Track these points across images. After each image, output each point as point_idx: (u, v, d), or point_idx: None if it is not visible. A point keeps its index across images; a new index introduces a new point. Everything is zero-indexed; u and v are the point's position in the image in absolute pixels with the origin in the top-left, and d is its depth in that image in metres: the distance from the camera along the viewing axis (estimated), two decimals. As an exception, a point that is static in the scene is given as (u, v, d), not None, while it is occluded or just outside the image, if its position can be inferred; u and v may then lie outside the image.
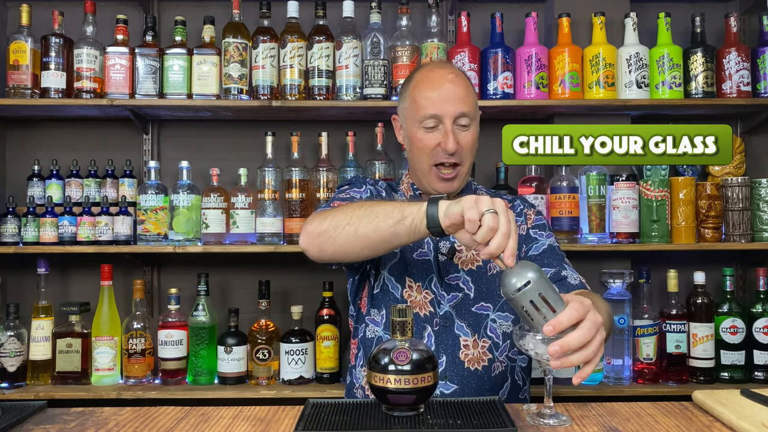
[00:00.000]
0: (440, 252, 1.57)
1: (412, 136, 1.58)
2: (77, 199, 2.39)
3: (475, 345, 1.53)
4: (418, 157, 1.58)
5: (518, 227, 1.63)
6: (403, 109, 1.63)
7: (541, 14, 2.55)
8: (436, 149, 1.54)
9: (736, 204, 2.33)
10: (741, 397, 1.23)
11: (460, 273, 1.56)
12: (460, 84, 1.57)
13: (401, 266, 1.58)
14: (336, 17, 2.39)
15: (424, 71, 1.62)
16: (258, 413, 1.22)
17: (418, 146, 1.57)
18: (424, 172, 1.58)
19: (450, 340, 1.53)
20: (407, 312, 1.13)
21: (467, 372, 1.51)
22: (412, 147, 1.60)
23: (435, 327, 1.54)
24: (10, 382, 2.23)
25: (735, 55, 2.38)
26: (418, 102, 1.56)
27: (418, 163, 1.59)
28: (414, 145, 1.58)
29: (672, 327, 2.28)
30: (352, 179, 1.73)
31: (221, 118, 2.55)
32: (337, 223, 1.35)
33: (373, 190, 1.66)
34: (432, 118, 1.53)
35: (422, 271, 1.57)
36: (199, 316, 2.29)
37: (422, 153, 1.56)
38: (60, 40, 2.33)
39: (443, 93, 1.54)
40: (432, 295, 1.56)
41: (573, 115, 2.42)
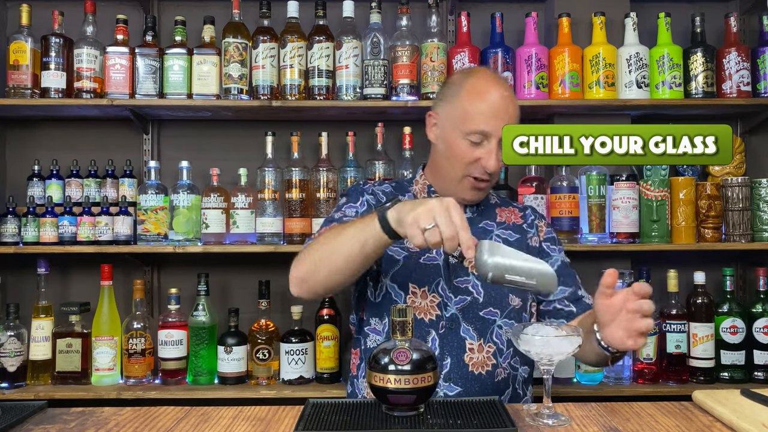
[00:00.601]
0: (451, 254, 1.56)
1: (451, 143, 1.55)
2: (77, 199, 2.39)
3: (480, 349, 1.52)
4: (453, 164, 1.55)
5: (529, 239, 1.66)
6: (448, 113, 1.57)
7: (541, 14, 2.55)
8: (476, 164, 1.52)
9: (736, 204, 2.33)
10: (741, 397, 1.23)
11: (470, 276, 1.55)
12: (511, 102, 1.54)
13: (405, 273, 1.56)
14: (336, 17, 2.39)
15: (478, 81, 1.56)
16: (258, 413, 1.22)
17: (456, 155, 1.54)
18: (454, 179, 1.56)
19: (455, 342, 1.52)
20: (407, 312, 1.14)
21: (471, 375, 1.51)
22: (448, 153, 1.56)
23: (440, 330, 1.52)
24: (10, 382, 2.23)
25: (735, 55, 2.38)
26: (469, 113, 1.51)
27: (450, 170, 1.57)
28: (452, 152, 1.55)
29: (672, 327, 2.28)
30: (349, 190, 1.70)
31: (221, 118, 2.55)
32: (313, 265, 1.40)
33: (372, 199, 1.63)
34: (481, 134, 1.50)
35: (428, 275, 1.55)
36: (199, 316, 2.29)
37: (459, 163, 1.54)
38: (60, 40, 2.33)
39: (497, 110, 1.50)
40: (439, 299, 1.54)
41: (573, 115, 2.42)
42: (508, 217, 1.69)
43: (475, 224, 1.63)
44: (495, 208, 1.70)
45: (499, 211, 1.69)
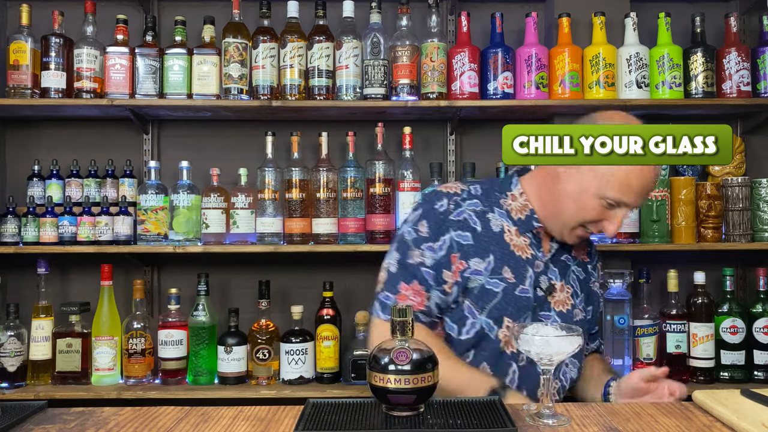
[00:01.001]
0: (539, 287, 1.52)
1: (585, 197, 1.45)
2: (77, 199, 2.39)
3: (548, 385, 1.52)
4: (574, 213, 1.47)
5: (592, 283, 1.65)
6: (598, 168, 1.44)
7: (541, 14, 2.55)
8: (598, 223, 1.47)
9: (736, 204, 2.33)
10: (741, 397, 1.23)
11: (551, 312, 1.53)
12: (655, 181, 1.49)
13: (502, 305, 1.48)
14: (336, 17, 2.39)
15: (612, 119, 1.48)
16: (258, 413, 1.22)
17: (585, 208, 1.46)
18: (567, 224, 1.49)
19: (533, 378, 1.47)
20: (407, 312, 1.13)
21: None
22: (576, 200, 1.46)
23: (520, 362, 1.48)
24: (10, 382, 2.23)
25: (735, 55, 2.38)
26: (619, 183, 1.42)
27: (567, 215, 1.48)
28: (581, 203, 1.46)
29: (672, 327, 2.28)
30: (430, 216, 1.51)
31: (221, 118, 2.55)
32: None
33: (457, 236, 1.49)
34: (618, 203, 1.44)
35: (521, 309, 1.50)
36: (199, 316, 2.29)
37: (584, 215, 1.47)
38: (60, 40, 2.33)
39: (644, 187, 1.45)
40: None
41: (573, 115, 2.42)
42: (579, 252, 1.64)
43: (558, 257, 1.58)
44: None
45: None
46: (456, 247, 1.49)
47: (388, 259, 1.54)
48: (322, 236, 2.31)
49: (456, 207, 1.52)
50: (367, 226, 2.33)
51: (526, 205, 1.55)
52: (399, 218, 2.33)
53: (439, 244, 1.49)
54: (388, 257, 1.55)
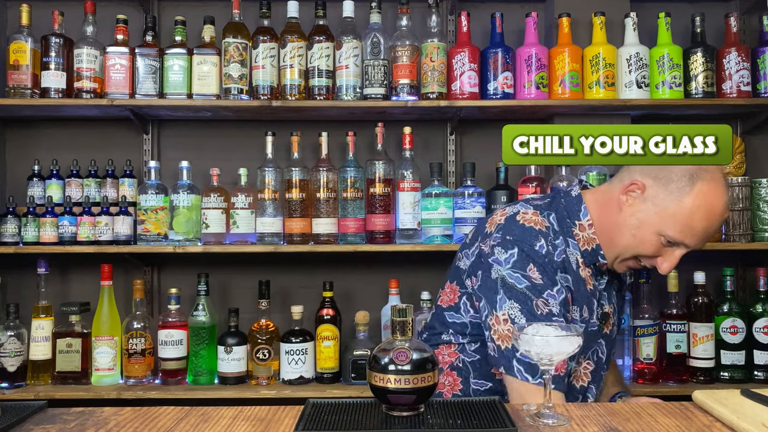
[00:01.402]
0: (597, 317, 1.48)
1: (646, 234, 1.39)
2: (77, 199, 2.39)
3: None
4: (633, 247, 1.41)
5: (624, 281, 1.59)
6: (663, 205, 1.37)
7: (541, 14, 2.55)
8: (653, 258, 1.41)
9: (736, 204, 2.33)
10: (741, 397, 1.23)
11: (601, 338, 1.51)
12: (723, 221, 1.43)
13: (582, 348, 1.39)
14: (336, 17, 2.39)
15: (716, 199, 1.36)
16: (258, 413, 1.22)
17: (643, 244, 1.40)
18: (622, 255, 1.44)
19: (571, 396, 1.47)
20: (407, 312, 1.13)
21: None
22: (637, 235, 1.40)
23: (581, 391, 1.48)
24: (10, 382, 2.23)
25: (735, 55, 2.38)
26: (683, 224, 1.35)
27: (625, 248, 1.42)
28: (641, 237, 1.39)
29: (672, 327, 2.28)
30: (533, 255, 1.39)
31: (221, 118, 2.55)
32: None
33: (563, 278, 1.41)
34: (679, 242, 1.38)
35: (589, 343, 1.47)
36: (199, 316, 2.29)
37: (638, 249, 1.41)
38: (60, 40, 2.33)
39: (707, 230, 1.37)
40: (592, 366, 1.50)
41: (573, 115, 2.42)
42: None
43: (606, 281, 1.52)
44: None
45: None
46: (565, 290, 1.40)
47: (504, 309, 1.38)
48: (322, 236, 2.31)
49: (554, 248, 1.42)
50: (367, 226, 2.33)
51: (594, 239, 1.46)
52: (399, 218, 2.33)
53: (557, 288, 1.39)
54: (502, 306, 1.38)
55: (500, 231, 1.44)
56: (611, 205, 1.44)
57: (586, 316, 1.43)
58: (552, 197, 1.53)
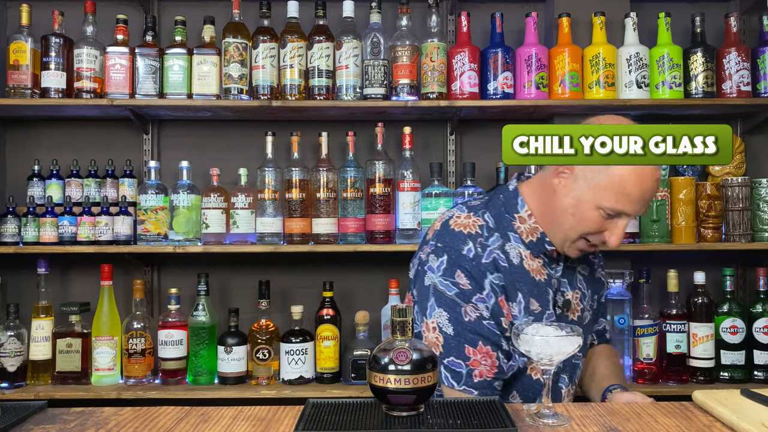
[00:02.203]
0: (557, 305, 1.49)
1: (584, 207, 1.40)
2: (77, 199, 2.39)
3: (568, 394, 1.51)
4: (575, 226, 1.42)
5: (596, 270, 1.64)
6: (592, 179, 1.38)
7: (541, 14, 2.55)
8: (599, 234, 1.41)
9: (736, 204, 2.33)
10: (741, 397, 1.23)
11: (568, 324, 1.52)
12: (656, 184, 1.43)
13: None
14: (336, 17, 2.39)
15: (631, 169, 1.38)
16: (258, 413, 1.22)
17: (584, 220, 1.40)
18: (569, 238, 1.43)
19: (556, 394, 1.47)
20: (407, 312, 1.14)
21: None
22: (575, 214, 1.41)
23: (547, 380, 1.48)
24: (10, 382, 2.23)
25: (735, 55, 2.38)
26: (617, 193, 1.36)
27: (569, 229, 1.42)
28: (580, 215, 1.40)
29: (672, 327, 2.28)
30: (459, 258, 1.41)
31: (221, 118, 2.55)
32: None
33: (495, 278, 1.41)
34: (618, 213, 1.39)
35: None
36: (199, 316, 2.29)
37: (584, 227, 1.41)
38: (60, 40, 2.33)
39: (645, 197, 1.39)
40: None
41: (573, 115, 2.42)
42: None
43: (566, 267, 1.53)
44: None
45: None
46: (499, 290, 1.41)
47: (434, 317, 1.41)
48: (322, 236, 2.31)
49: (483, 249, 1.43)
50: (367, 226, 2.33)
51: (536, 228, 1.47)
52: (399, 218, 2.33)
53: (486, 293, 1.40)
54: (432, 314, 1.41)
55: (435, 238, 1.47)
56: (547, 191, 1.45)
57: (535, 308, 1.43)
58: (491, 196, 1.55)
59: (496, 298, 1.40)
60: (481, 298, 1.40)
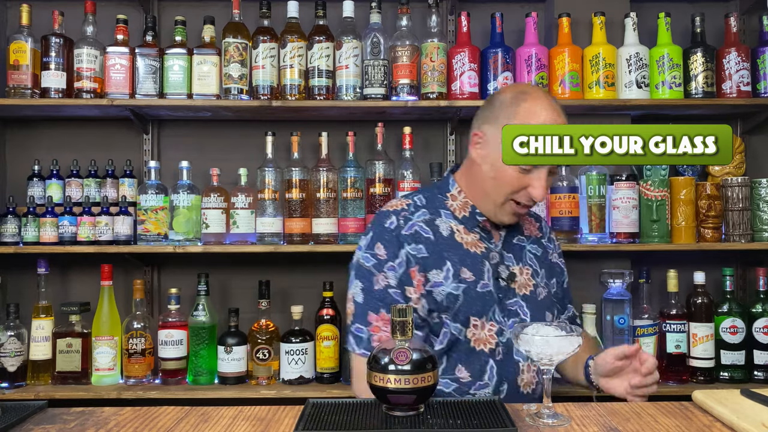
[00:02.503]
0: (500, 277, 1.53)
1: (500, 168, 1.46)
2: (77, 199, 2.39)
3: (528, 369, 1.52)
4: (498, 189, 1.49)
5: (550, 254, 1.67)
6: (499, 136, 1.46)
7: (541, 14, 2.55)
8: (522, 191, 1.47)
9: (736, 204, 2.33)
10: (741, 397, 1.23)
11: (516, 298, 1.54)
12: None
13: (466, 307, 1.48)
14: (336, 17, 2.39)
15: (534, 106, 1.46)
16: (258, 413, 1.22)
17: (503, 179, 1.47)
18: (497, 203, 1.50)
19: (511, 367, 1.50)
20: (407, 312, 1.14)
21: (521, 395, 1.50)
22: (495, 175, 1.48)
23: (497, 357, 1.50)
24: (10, 382, 2.23)
25: (735, 55, 2.38)
26: None
27: (494, 193, 1.50)
28: (498, 175, 1.48)
29: (672, 327, 2.28)
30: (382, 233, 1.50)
31: (221, 118, 2.55)
32: None
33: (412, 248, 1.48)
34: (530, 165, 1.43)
35: (485, 304, 1.50)
36: (199, 316, 2.29)
37: (506, 189, 1.48)
38: (60, 40, 2.33)
39: None
40: (496, 326, 1.50)
41: (573, 115, 2.41)
42: (530, 229, 1.67)
43: (510, 242, 1.60)
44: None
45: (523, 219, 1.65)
46: (413, 261, 1.48)
47: (351, 289, 1.52)
48: (322, 236, 2.31)
49: (406, 221, 1.51)
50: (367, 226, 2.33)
51: (467, 202, 1.56)
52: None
53: (398, 261, 1.48)
54: (351, 287, 1.53)
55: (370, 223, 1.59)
56: (471, 165, 1.55)
57: (467, 276, 1.48)
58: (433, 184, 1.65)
59: (407, 268, 1.47)
60: (392, 266, 1.47)
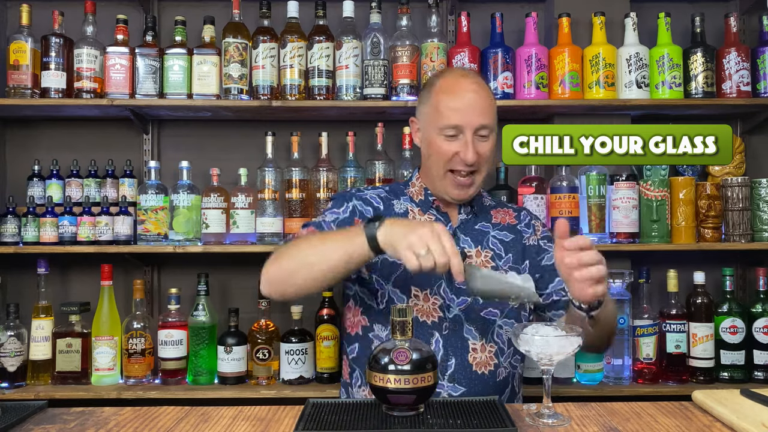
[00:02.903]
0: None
1: (431, 141, 1.59)
2: (77, 199, 2.39)
3: (482, 349, 1.54)
4: (435, 162, 1.59)
5: (526, 239, 1.67)
6: (424, 114, 1.62)
7: (541, 14, 2.55)
8: (454, 158, 1.55)
9: (736, 204, 2.33)
10: (741, 397, 1.23)
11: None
12: (483, 95, 1.57)
13: (406, 276, 1.55)
14: (336, 17, 2.40)
15: (448, 79, 1.61)
16: (258, 413, 1.22)
17: (436, 152, 1.57)
18: (439, 177, 1.59)
19: (459, 343, 1.53)
20: (407, 312, 1.14)
21: (475, 375, 1.52)
22: (430, 151, 1.60)
23: (444, 331, 1.54)
24: (10, 382, 2.23)
25: (735, 55, 2.38)
26: (440, 111, 1.56)
27: (434, 168, 1.60)
28: (432, 150, 1.59)
29: (672, 327, 2.28)
30: (337, 194, 1.72)
31: (221, 118, 2.55)
32: (291, 268, 1.44)
33: (361, 205, 1.63)
34: (453, 128, 1.54)
35: (430, 278, 1.55)
36: (199, 316, 2.29)
37: (440, 159, 1.57)
38: (60, 40, 2.33)
39: (466, 104, 1.54)
40: (441, 300, 1.55)
41: (573, 115, 2.42)
42: (503, 218, 1.71)
43: (470, 226, 1.65)
44: (490, 209, 1.72)
45: (494, 212, 1.71)
46: (358, 214, 1.60)
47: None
48: (322, 236, 2.31)
49: (358, 191, 1.69)
50: (367, 226, 2.33)
51: (422, 187, 1.68)
52: (399, 218, 2.33)
53: (342, 209, 1.61)
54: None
55: None
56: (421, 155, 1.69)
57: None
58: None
59: (351, 216, 1.60)
60: (334, 212, 1.61)
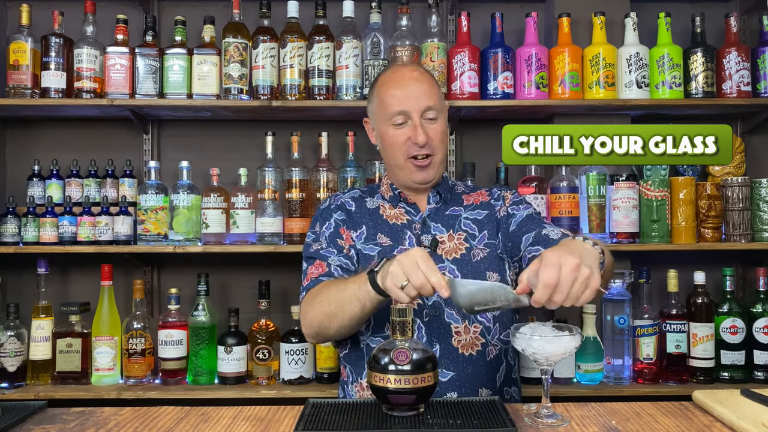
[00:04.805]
0: (423, 245, 1.60)
1: (383, 134, 1.65)
2: (77, 199, 2.39)
3: (466, 331, 1.54)
4: (392, 153, 1.65)
5: (497, 211, 1.68)
6: (373, 111, 1.70)
7: (541, 14, 2.55)
8: (407, 143, 1.61)
9: (736, 204, 2.33)
10: (741, 397, 1.23)
11: (444, 263, 1.58)
12: (423, 80, 1.64)
13: None
14: (336, 17, 2.40)
15: (388, 72, 1.70)
16: (258, 413, 1.22)
17: (390, 143, 1.63)
18: (399, 166, 1.64)
19: (441, 329, 1.54)
20: (407, 312, 1.14)
21: (462, 358, 1.52)
22: (384, 144, 1.66)
23: (425, 318, 1.54)
24: (10, 382, 2.23)
25: (735, 55, 2.38)
26: (384, 101, 1.63)
27: (392, 159, 1.66)
28: (386, 142, 1.65)
29: (672, 327, 2.28)
30: (315, 215, 1.75)
31: (221, 118, 2.55)
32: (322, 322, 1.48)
33: (341, 215, 1.68)
34: (400, 115, 1.60)
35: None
36: (199, 316, 2.29)
37: (395, 149, 1.63)
38: (60, 40, 2.33)
39: (408, 90, 1.61)
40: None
41: (573, 115, 2.42)
42: (476, 198, 1.73)
43: (441, 213, 1.67)
44: (462, 195, 1.75)
45: (467, 197, 1.74)
46: (341, 223, 1.67)
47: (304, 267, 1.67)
48: (322, 236, 2.31)
49: (335, 198, 1.74)
50: (367, 226, 2.33)
51: (388, 184, 1.74)
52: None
53: (326, 224, 1.68)
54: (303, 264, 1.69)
55: None
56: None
57: (384, 241, 1.62)
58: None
59: (336, 228, 1.66)
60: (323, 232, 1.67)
